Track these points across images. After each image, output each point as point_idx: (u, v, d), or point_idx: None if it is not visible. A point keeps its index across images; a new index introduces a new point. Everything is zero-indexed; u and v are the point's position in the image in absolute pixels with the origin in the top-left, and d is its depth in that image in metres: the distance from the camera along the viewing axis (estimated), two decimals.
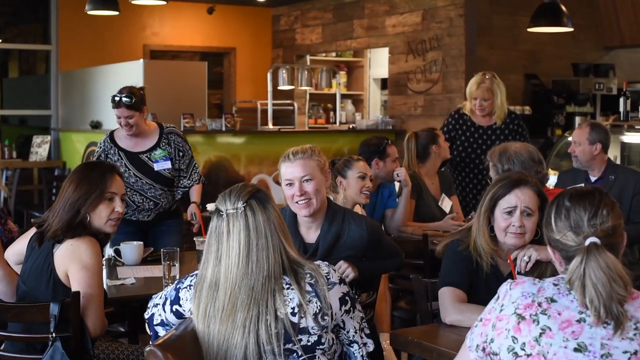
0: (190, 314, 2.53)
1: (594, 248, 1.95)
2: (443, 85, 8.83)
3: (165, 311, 2.60)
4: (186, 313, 2.56)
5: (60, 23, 10.06)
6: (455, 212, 5.17)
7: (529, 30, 6.87)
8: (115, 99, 4.77)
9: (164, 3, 7.70)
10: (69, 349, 2.93)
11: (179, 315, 2.58)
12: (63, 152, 9.76)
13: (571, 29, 6.81)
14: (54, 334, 2.92)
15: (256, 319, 2.42)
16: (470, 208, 5.57)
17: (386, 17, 9.59)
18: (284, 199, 3.34)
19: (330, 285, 2.50)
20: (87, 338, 3.02)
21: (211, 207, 2.86)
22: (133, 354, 3.27)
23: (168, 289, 2.65)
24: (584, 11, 9.05)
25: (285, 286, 2.45)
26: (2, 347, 3.23)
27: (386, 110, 10.52)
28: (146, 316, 2.68)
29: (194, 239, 4.06)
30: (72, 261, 3.05)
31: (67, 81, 9.86)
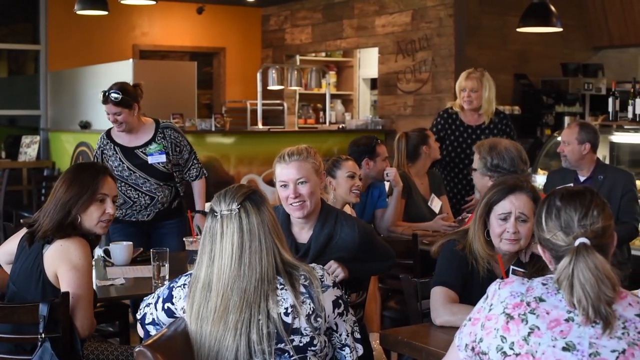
0: (183, 313, 2.53)
1: (583, 249, 1.95)
2: (433, 85, 8.84)
3: (157, 309, 2.60)
4: (178, 312, 2.55)
5: (49, 23, 10.03)
6: (445, 212, 5.19)
7: (518, 30, 6.90)
8: (104, 94, 4.77)
9: (153, 3, 7.69)
10: (58, 350, 2.92)
11: (170, 313, 2.57)
12: (52, 152, 9.72)
13: (560, 29, 6.85)
14: (43, 335, 2.92)
15: (248, 322, 2.42)
16: (459, 207, 5.58)
17: (376, 17, 9.59)
18: (277, 199, 3.33)
19: (324, 288, 2.51)
20: (77, 338, 3.02)
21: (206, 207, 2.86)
22: (122, 354, 3.27)
23: (161, 289, 2.65)
24: (573, 11, 9.09)
25: (279, 286, 2.46)
26: None
27: (376, 110, 10.53)
28: (138, 317, 2.67)
29: (184, 239, 4.06)
30: (62, 262, 3.05)
31: (57, 81, 9.83)
